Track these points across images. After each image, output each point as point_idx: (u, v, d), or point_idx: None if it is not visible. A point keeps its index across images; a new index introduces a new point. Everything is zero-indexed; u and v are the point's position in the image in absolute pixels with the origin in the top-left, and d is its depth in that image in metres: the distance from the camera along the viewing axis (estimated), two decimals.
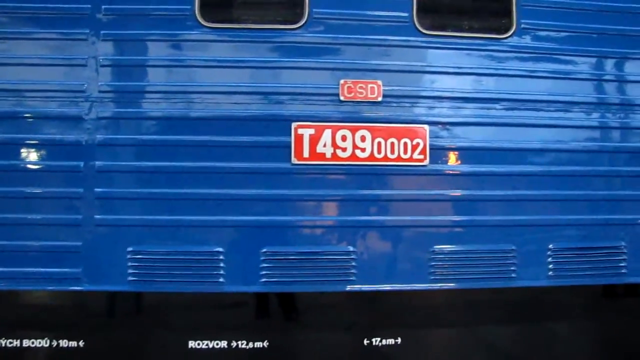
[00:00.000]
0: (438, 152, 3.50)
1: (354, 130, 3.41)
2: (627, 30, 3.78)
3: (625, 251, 3.67)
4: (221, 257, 3.31)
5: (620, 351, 3.79)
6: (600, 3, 3.76)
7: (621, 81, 3.78)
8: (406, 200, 3.46)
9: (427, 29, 3.54)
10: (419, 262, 3.46)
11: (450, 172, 3.51)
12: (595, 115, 3.67)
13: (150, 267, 3.29)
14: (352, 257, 3.39)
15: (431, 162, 3.48)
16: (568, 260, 3.59)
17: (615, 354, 3.79)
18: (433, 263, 3.45)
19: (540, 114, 3.59)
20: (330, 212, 3.45)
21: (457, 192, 3.49)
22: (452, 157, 3.51)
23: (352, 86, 3.44)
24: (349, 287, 3.39)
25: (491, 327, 3.60)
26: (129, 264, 3.29)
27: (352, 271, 3.39)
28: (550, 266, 3.57)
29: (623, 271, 3.67)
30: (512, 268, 3.52)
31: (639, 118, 3.75)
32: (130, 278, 3.28)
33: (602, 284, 3.67)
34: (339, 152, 3.39)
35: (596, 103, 3.69)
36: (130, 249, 3.29)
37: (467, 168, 3.51)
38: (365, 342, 3.41)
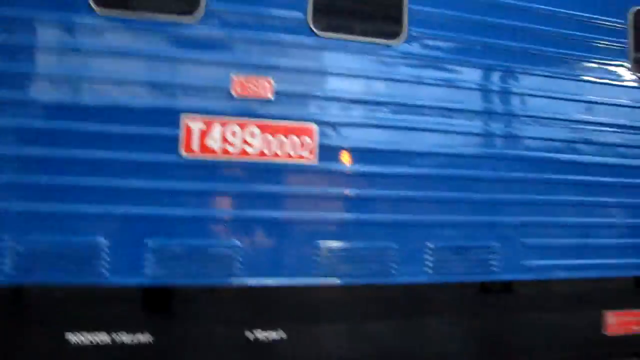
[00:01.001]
0: (327, 152, 3.60)
1: (244, 126, 3.46)
2: (512, 46, 4.02)
3: (496, 250, 3.95)
4: (104, 248, 3.30)
5: (497, 344, 4.10)
6: (488, 18, 3.97)
7: (504, 92, 4.01)
8: (293, 197, 3.55)
9: (321, 30, 3.62)
10: (303, 257, 3.56)
11: (338, 171, 3.62)
12: (477, 122, 3.89)
13: (31, 259, 3.22)
14: (237, 251, 3.46)
15: (319, 160, 3.58)
16: (445, 259, 3.81)
17: (493, 347, 4.09)
18: (317, 258, 3.56)
19: (425, 118, 3.76)
20: (218, 206, 3.50)
21: (343, 191, 3.62)
22: (340, 157, 3.63)
23: (244, 82, 3.48)
24: (233, 281, 3.46)
25: (375, 323, 3.76)
26: (8, 254, 3.20)
27: (237, 265, 3.46)
28: (429, 264, 3.78)
29: (494, 269, 3.95)
30: (392, 265, 3.70)
31: (518, 127, 4.01)
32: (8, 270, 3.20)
33: (475, 281, 3.91)
34: (228, 147, 3.43)
35: (478, 111, 3.90)
36: (10, 238, 3.21)
37: (353, 168, 3.64)
38: (249, 336, 3.50)
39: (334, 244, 3.61)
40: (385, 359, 3.79)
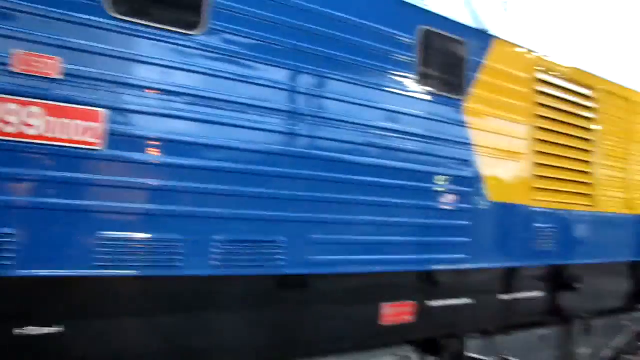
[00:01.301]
0: (115, 139, 3.49)
1: (24, 105, 3.24)
2: (313, 50, 4.21)
3: (282, 245, 4.12)
4: None
5: (284, 337, 4.27)
6: (295, 21, 4.11)
7: (300, 93, 4.18)
8: (75, 184, 3.39)
9: (117, 13, 3.50)
10: (85, 247, 3.42)
11: (125, 159, 3.53)
12: (271, 120, 4.02)
13: None
14: (8, 239, 3.22)
15: (107, 147, 3.46)
16: (232, 252, 3.89)
17: (280, 340, 4.26)
18: (98, 249, 3.45)
19: (220, 112, 3.80)
20: None
21: (130, 180, 3.54)
22: (129, 145, 3.54)
23: (27, 58, 3.25)
24: (2, 272, 3.22)
25: (162, 317, 3.73)
26: None
27: (8, 255, 3.22)
28: (215, 257, 3.83)
29: (281, 263, 4.13)
30: (178, 257, 3.70)
31: (309, 128, 4.21)
32: None
33: (261, 274, 4.04)
34: (5, 127, 3.20)
35: (274, 109, 4.04)
36: None
37: (142, 157, 3.58)
38: (17, 332, 3.28)
39: (119, 234, 3.51)
40: (173, 353, 3.79)
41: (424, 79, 4.93)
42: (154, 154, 3.60)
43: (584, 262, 6.90)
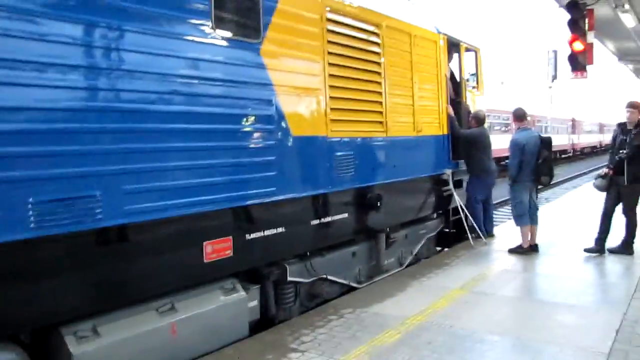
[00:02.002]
0: None
1: None
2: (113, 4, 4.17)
3: (101, 199, 4.17)
4: None
5: (117, 286, 4.40)
6: None
7: (99, 47, 4.14)
8: None
9: None
10: None
11: None
12: (71, 76, 3.95)
13: None
14: None
15: None
16: (49, 212, 3.85)
17: (113, 290, 4.39)
18: None
19: (13, 73, 3.65)
20: None
21: None
22: None
23: None
24: None
25: None
26: None
27: None
28: (32, 218, 3.77)
29: (99, 217, 4.17)
30: None
31: (112, 81, 4.21)
32: None
33: (79, 230, 4.06)
34: None
35: (71, 65, 3.97)
36: None
37: None
38: None
39: None
40: None
41: (219, 25, 5.11)
42: None
43: (382, 183, 7.73)
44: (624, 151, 8.23)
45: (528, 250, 9.06)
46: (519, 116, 9.46)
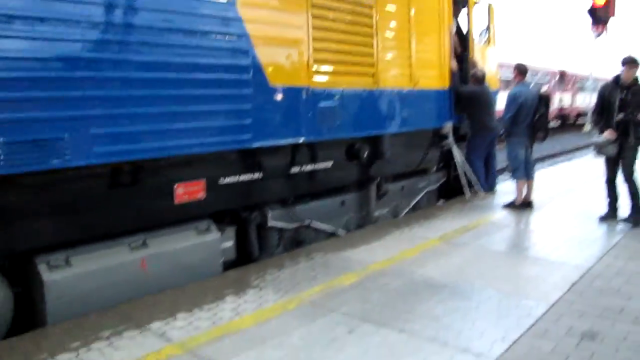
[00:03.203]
0: None
1: None
2: None
3: (67, 141, 4.48)
4: None
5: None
6: None
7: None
8: None
9: None
10: None
11: None
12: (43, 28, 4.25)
13: None
14: None
15: None
16: (15, 152, 4.18)
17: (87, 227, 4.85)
18: None
19: None
20: None
21: None
22: None
23: None
24: None
25: None
26: None
27: None
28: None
29: (67, 157, 4.49)
30: None
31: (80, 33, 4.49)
32: None
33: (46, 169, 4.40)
34: None
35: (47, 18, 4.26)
36: None
37: None
38: None
39: None
40: None
41: None
42: None
43: (371, 134, 7.88)
44: (629, 111, 7.80)
45: (522, 206, 9.13)
46: (523, 71, 9.39)
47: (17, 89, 4.15)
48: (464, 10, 10.49)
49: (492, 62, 11.33)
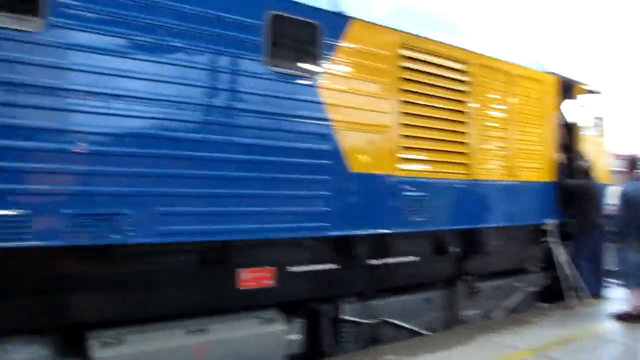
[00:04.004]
0: None
1: None
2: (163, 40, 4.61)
3: (131, 217, 4.41)
4: None
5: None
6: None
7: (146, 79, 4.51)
8: None
9: None
10: None
11: None
12: (116, 105, 4.34)
13: None
14: None
15: None
16: (83, 224, 4.20)
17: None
18: None
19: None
20: None
21: None
22: None
23: None
24: None
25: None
26: None
27: None
28: (67, 229, 4.15)
29: (130, 234, 4.44)
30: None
31: (154, 110, 4.53)
32: None
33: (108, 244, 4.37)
34: None
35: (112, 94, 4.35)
36: None
37: None
38: None
39: None
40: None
41: (275, 60, 5.23)
42: None
43: (461, 228, 7.32)
44: None
45: (637, 318, 8.03)
46: (635, 164, 8.53)
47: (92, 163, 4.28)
48: (570, 100, 9.83)
49: (601, 153, 10.46)
